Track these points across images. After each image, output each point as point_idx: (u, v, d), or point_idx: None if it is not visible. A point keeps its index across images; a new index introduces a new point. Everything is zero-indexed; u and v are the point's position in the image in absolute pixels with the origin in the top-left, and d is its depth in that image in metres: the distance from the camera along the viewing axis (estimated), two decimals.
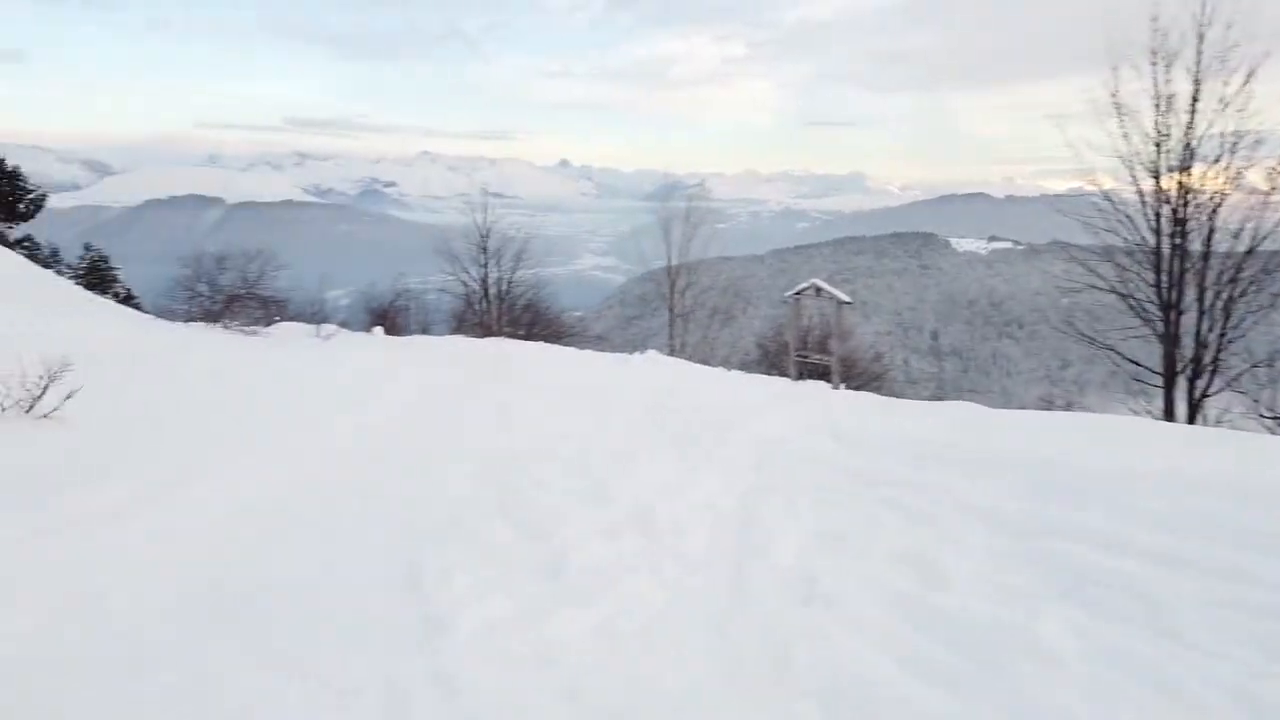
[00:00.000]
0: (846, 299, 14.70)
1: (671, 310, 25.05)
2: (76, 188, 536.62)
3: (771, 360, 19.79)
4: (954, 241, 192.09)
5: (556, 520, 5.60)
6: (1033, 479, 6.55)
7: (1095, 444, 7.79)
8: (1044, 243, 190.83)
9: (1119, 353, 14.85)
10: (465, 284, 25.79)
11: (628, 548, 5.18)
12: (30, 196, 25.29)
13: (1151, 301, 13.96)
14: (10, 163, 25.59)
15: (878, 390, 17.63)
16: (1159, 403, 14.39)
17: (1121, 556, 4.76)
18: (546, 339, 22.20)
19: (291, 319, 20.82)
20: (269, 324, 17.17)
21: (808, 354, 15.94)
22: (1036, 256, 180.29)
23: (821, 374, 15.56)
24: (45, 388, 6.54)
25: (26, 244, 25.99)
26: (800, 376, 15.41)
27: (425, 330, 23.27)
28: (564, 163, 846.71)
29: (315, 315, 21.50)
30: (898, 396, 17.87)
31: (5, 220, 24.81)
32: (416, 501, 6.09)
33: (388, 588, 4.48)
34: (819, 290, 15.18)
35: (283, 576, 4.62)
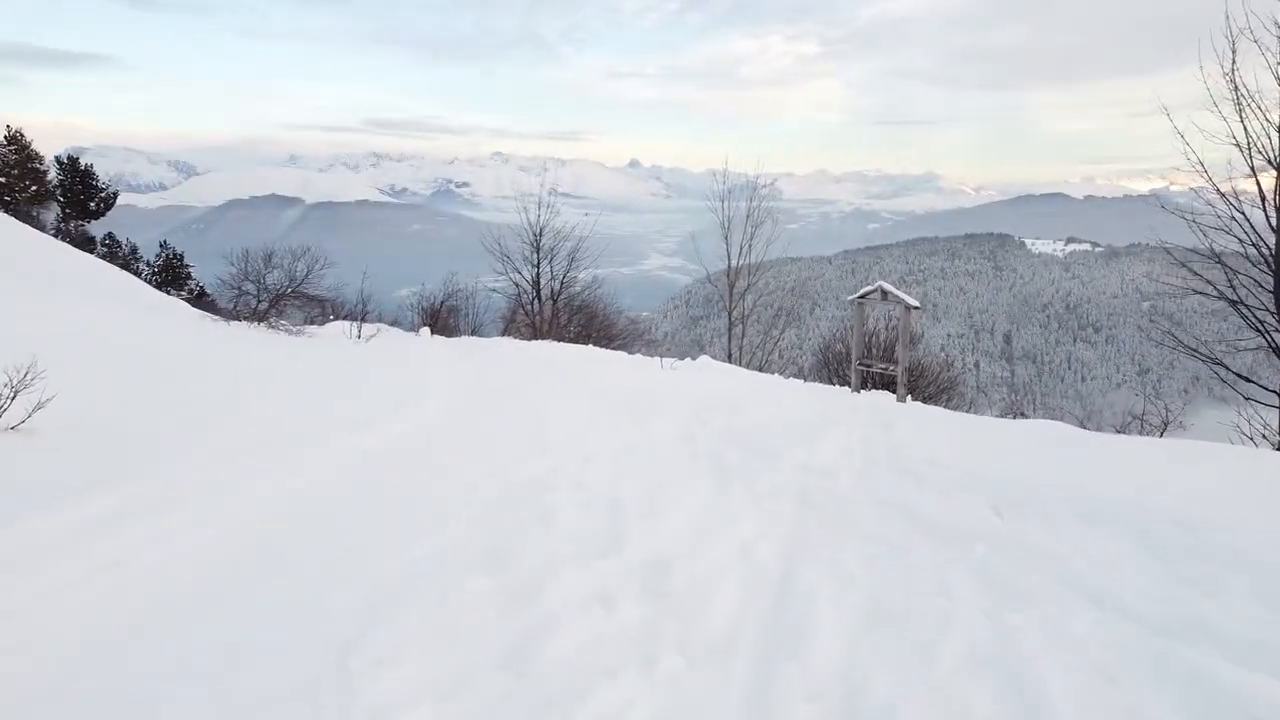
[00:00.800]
0: (915, 303, 12.99)
1: (730, 313, 23.71)
2: (163, 188, 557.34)
3: (833, 368, 18.10)
4: (1029, 243, 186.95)
5: (549, 575, 4.51)
6: (1158, 543, 5.16)
7: (1233, 492, 6.33)
8: (1124, 245, 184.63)
9: (1225, 365, 13.20)
10: (517, 284, 24.93)
11: (626, 622, 4.04)
12: (102, 195, 25.99)
13: (1268, 310, 12.32)
14: (99, 162, 26.59)
15: (948, 402, 16.42)
16: (1255, 417, 12.79)
17: None
18: (599, 342, 21.59)
19: (350, 317, 20.54)
20: (322, 322, 17.10)
21: (871, 362, 14.51)
22: (1115, 259, 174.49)
23: (886, 384, 14.39)
24: (12, 397, 5.82)
25: (107, 242, 26.41)
26: (863, 386, 14.12)
27: (475, 331, 22.80)
28: (634, 163, 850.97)
29: (375, 314, 21.26)
30: (970, 408, 16.49)
31: (78, 218, 25.60)
32: (392, 547, 4.96)
33: (297, 692, 3.33)
34: (885, 293, 13.53)
35: (168, 665, 3.50)
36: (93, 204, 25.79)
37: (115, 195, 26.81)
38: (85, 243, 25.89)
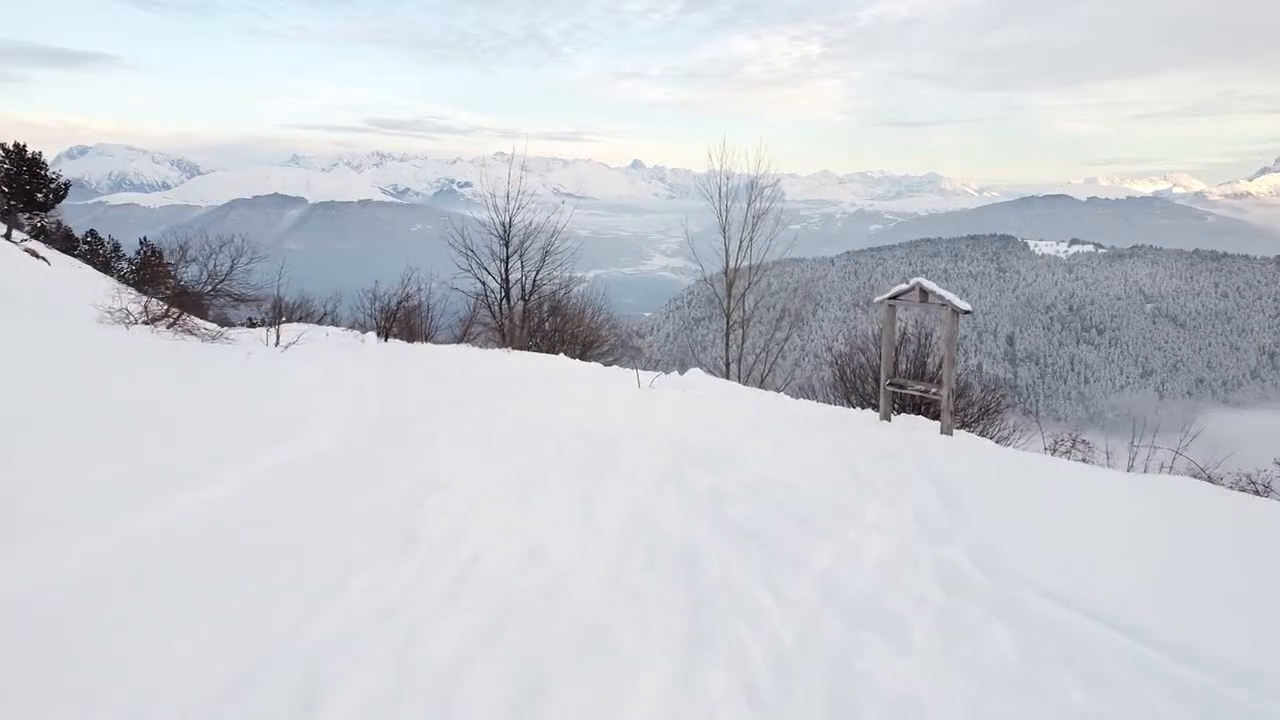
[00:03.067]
0: (965, 306, 9.56)
1: (728, 318, 21.06)
2: (167, 187, 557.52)
3: (851, 383, 14.35)
4: (1033, 244, 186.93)
5: None
6: None
7: None
8: (1127, 246, 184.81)
9: None
10: (483, 283, 21.32)
11: None
12: (51, 186, 24.82)
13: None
14: (102, 161, 25.66)
15: (990, 431, 12.56)
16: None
17: None
18: (572, 349, 19.41)
19: (325, 319, 19.75)
20: (273, 325, 15.01)
21: (904, 383, 10.81)
22: (1119, 260, 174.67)
23: (920, 404, 11.56)
24: None
25: (89, 240, 26.52)
26: (891, 409, 10.84)
27: (429, 336, 20.06)
28: (637, 163, 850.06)
29: (349, 314, 19.79)
30: (1013, 433, 13.00)
31: (25, 209, 24.19)
32: None
33: None
34: (925, 293, 10.09)
35: None
36: (40, 195, 24.53)
37: (66, 186, 25.62)
38: (66, 239, 25.79)
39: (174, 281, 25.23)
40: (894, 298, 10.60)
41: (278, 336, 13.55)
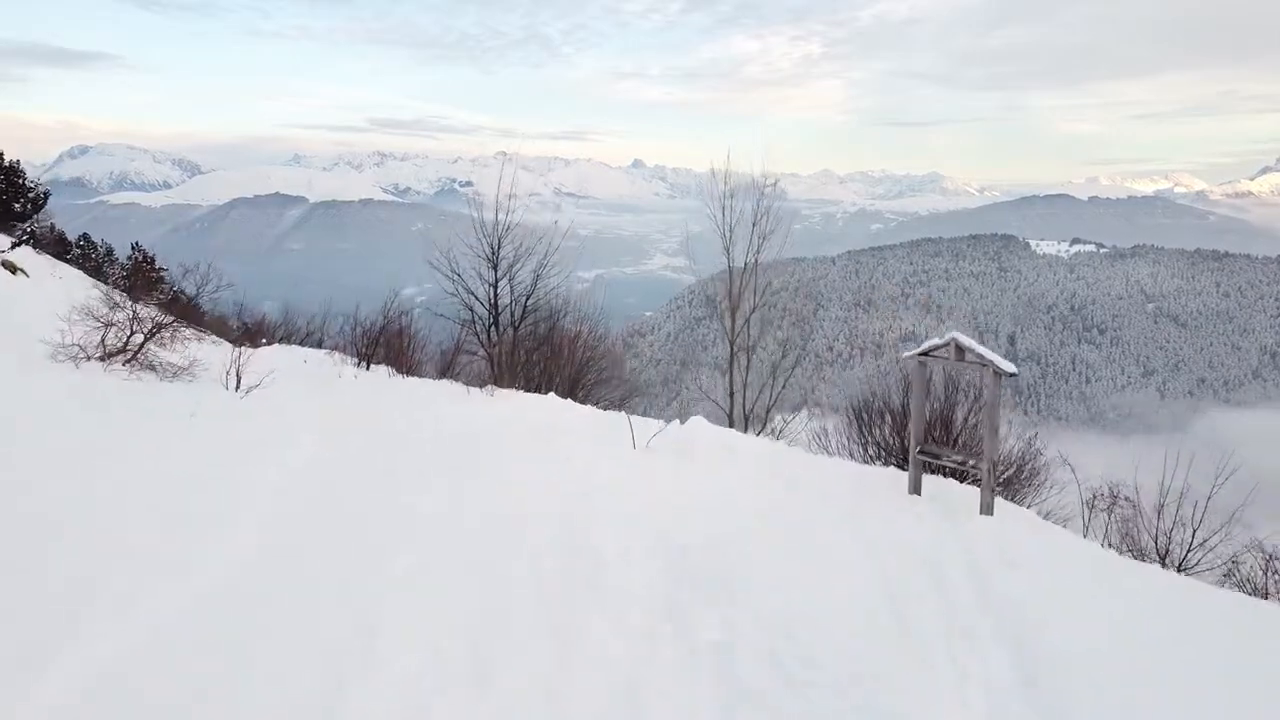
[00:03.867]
0: (1010, 368, 8.16)
1: (731, 344, 18.13)
2: (168, 186, 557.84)
3: (867, 430, 12.64)
4: (1034, 244, 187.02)
5: None
6: None
7: None
8: (1129, 246, 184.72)
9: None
10: (470, 308, 18.48)
11: None
12: (31, 195, 24.10)
13: None
14: (103, 161, 25.30)
15: (1027, 493, 11.26)
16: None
17: None
18: (564, 387, 17.17)
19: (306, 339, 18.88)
20: (254, 345, 13.85)
21: (938, 453, 9.18)
22: (1121, 260, 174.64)
23: (952, 470, 9.61)
24: None
25: (82, 244, 26.49)
26: (920, 478, 9.26)
27: (413, 370, 18.18)
28: (638, 163, 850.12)
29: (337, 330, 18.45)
30: (1051, 489, 11.41)
31: (2, 219, 23.21)
32: None
33: None
34: (961, 350, 8.58)
35: None
36: (18, 204, 23.77)
37: (46, 195, 24.73)
38: (60, 243, 25.53)
39: (166, 288, 24.78)
40: (925, 353, 9.06)
41: (238, 378, 11.48)
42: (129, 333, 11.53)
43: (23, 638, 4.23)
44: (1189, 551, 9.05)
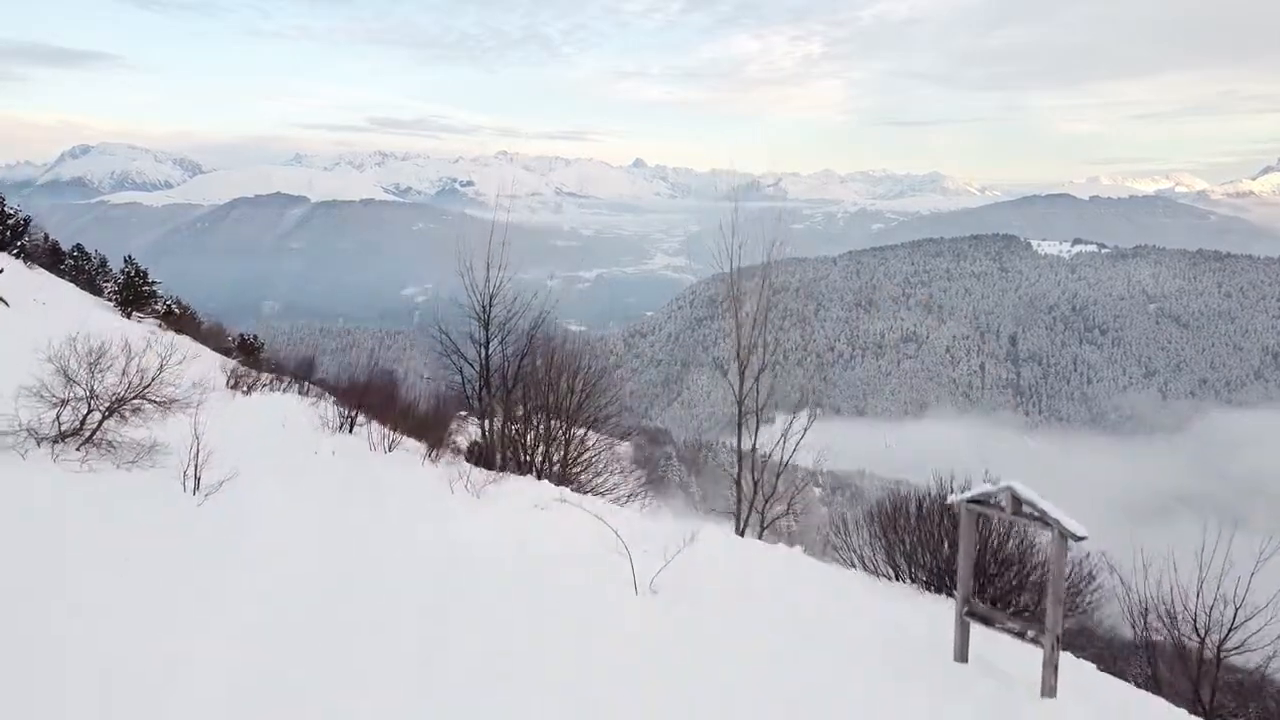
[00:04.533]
0: (1081, 532, 6.33)
1: (740, 404, 16.21)
2: (169, 186, 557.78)
3: (896, 548, 10.96)
4: (1035, 244, 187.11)
5: None
6: None
7: None
8: (1130, 246, 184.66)
9: None
10: (460, 371, 16.77)
11: None
12: (10, 222, 23.49)
13: None
14: (104, 160, 24.80)
15: (1076, 631, 9.93)
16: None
17: None
18: (558, 472, 15.17)
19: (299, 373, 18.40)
20: (247, 390, 13.43)
21: (992, 616, 7.29)
22: (1122, 260, 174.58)
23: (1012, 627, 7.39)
24: None
25: (75, 254, 26.36)
26: (965, 641, 7.44)
27: (399, 424, 16.78)
28: (638, 163, 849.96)
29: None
30: (1095, 611, 10.15)
31: None
32: None
33: None
34: (1019, 502, 6.78)
35: None
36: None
37: (27, 221, 24.22)
38: (53, 254, 25.48)
39: (162, 303, 24.12)
40: (976, 501, 7.40)
41: (197, 478, 9.21)
42: (85, 411, 9.91)
43: None
44: (1230, 631, 8.48)
